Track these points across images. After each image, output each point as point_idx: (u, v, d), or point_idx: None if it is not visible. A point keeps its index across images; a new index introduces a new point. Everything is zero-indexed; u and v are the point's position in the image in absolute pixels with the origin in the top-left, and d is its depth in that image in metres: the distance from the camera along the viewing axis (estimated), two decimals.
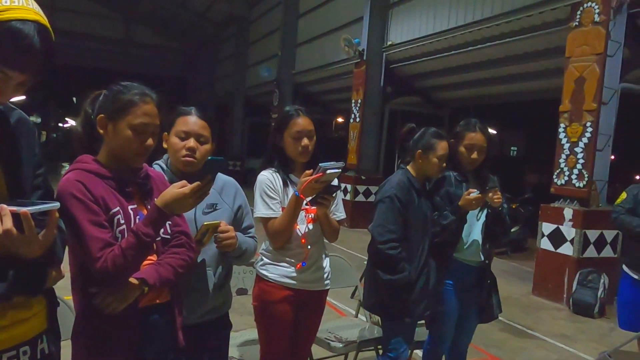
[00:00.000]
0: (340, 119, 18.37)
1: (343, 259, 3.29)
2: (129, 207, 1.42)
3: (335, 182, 2.18)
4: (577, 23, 5.64)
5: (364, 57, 9.82)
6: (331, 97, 14.42)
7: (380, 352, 2.97)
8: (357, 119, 10.07)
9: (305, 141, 2.17)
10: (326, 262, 2.31)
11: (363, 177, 9.70)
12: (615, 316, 3.65)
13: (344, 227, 11.14)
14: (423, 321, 2.74)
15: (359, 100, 10.01)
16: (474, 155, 2.65)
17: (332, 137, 20.04)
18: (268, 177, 2.20)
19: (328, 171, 1.97)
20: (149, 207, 1.43)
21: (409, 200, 2.52)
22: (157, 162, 1.85)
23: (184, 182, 1.36)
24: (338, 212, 2.32)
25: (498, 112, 17.45)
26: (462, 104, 11.57)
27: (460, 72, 9.31)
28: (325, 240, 2.34)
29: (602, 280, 5.15)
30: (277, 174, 2.21)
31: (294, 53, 14.08)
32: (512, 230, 8.21)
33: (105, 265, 1.28)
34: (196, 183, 1.34)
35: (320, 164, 1.99)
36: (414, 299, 2.47)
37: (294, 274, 2.18)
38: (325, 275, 2.29)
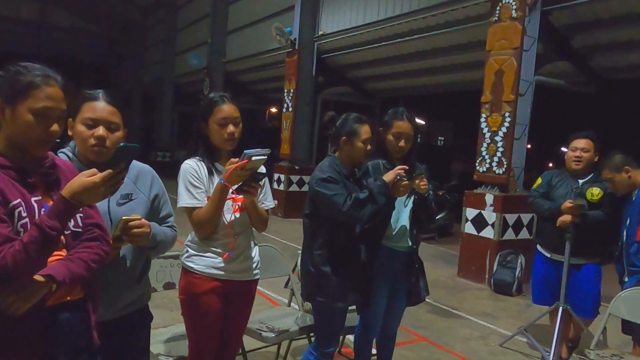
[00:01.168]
0: (274, 109, 18.22)
1: (275, 249, 3.27)
2: (32, 199, 1.31)
3: (262, 169, 2.14)
4: (496, 18, 5.94)
5: (296, 47, 9.78)
6: (264, 87, 14.26)
7: (313, 339, 3.00)
8: (290, 109, 10.04)
9: (231, 128, 2.12)
10: (255, 252, 2.27)
11: (296, 167, 9.71)
12: (530, 293, 3.92)
13: (277, 217, 11.17)
14: (354, 307, 2.79)
15: (292, 90, 9.97)
16: (402, 143, 2.71)
17: (265, 127, 19.84)
18: (192, 166, 2.13)
19: (254, 158, 1.93)
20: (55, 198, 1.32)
21: (341, 183, 2.53)
22: (62, 150, 1.70)
23: (93, 170, 1.27)
24: (266, 200, 2.28)
25: (426, 102, 18.10)
26: (392, 94, 11.85)
27: (390, 63, 9.53)
28: (266, 231, 2.30)
29: (519, 261, 5.51)
30: (202, 162, 2.15)
31: (224, 41, 13.74)
32: (439, 216, 8.58)
33: (4, 262, 1.17)
34: (108, 171, 1.26)
35: (245, 151, 1.94)
36: (347, 283, 2.50)
37: (221, 265, 2.13)
38: (254, 265, 2.25)
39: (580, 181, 3.50)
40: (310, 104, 10.04)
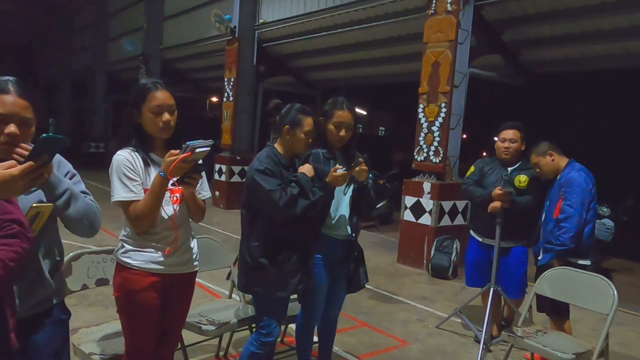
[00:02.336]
0: (214, 98, 17.83)
1: (215, 241, 3.22)
2: None
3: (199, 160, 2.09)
4: (432, 11, 6.11)
5: (236, 35, 9.59)
6: (203, 75, 13.90)
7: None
8: (231, 99, 9.86)
9: (166, 116, 2.03)
10: (194, 243, 2.22)
11: (238, 158, 9.58)
12: (464, 276, 4.11)
13: (219, 208, 10.98)
14: (295, 296, 2.80)
15: (232, 79, 9.79)
16: (342, 133, 2.73)
17: (206, 117, 19.39)
18: (126, 157, 2.02)
19: (197, 150, 1.86)
20: None
21: (279, 175, 2.52)
22: None
23: (11, 162, 1.18)
24: (203, 190, 2.22)
25: (367, 93, 18.39)
26: (333, 84, 11.94)
27: (331, 53, 9.58)
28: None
29: (455, 245, 5.76)
30: (136, 153, 2.05)
31: (161, 27, 13.24)
32: (380, 204, 8.79)
33: None
34: (28, 163, 1.17)
35: (187, 143, 1.87)
36: (287, 272, 2.50)
37: (161, 259, 2.06)
38: (194, 257, 2.20)
39: (509, 169, 3.70)
40: (252, 94, 9.91)
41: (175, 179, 1.95)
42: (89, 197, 1.72)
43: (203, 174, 2.21)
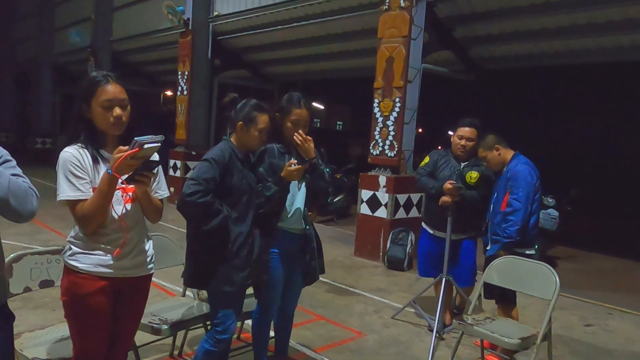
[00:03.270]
0: (169, 92, 17.40)
1: (168, 238, 3.15)
2: None
3: (155, 157, 2.02)
4: (386, 7, 6.18)
5: (190, 27, 9.38)
6: (156, 68, 13.53)
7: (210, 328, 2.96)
8: (185, 92, 9.65)
9: (117, 111, 1.93)
10: (149, 245, 2.12)
11: (193, 153, 9.40)
12: (417, 267, 4.21)
13: (174, 205, 10.74)
14: (251, 291, 2.79)
15: (186, 73, 9.58)
16: (300, 130, 2.73)
17: (161, 111, 18.91)
18: (74, 154, 1.91)
19: (146, 146, 1.78)
20: None
21: (232, 169, 2.50)
22: None
23: None
24: (160, 189, 2.13)
25: (325, 87, 18.44)
26: (290, 78, 11.90)
27: (286, 47, 9.54)
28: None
29: (409, 238, 5.88)
30: (85, 149, 1.94)
31: (110, 18, 12.75)
32: (337, 198, 8.86)
33: None
34: None
35: (135, 138, 1.78)
36: (234, 267, 2.48)
37: (111, 262, 1.96)
38: (149, 259, 2.11)
39: (462, 164, 3.81)
40: (207, 88, 9.73)
41: (125, 177, 1.85)
42: (22, 179, 1.61)
43: (161, 172, 2.14)
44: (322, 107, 25.38)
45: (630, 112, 14.99)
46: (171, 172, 9.70)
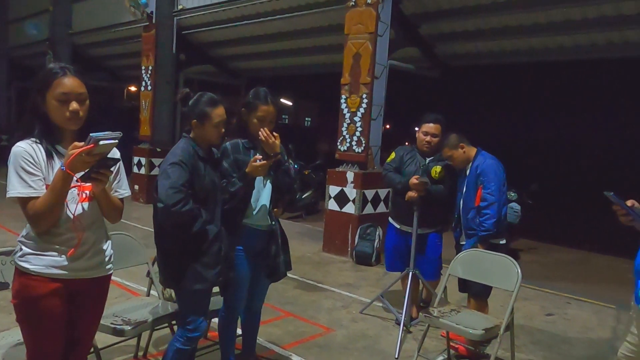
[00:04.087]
0: (133, 88, 16.97)
1: (131, 237, 3.07)
2: None
3: (116, 154, 1.95)
4: (353, 3, 6.19)
5: (153, 21, 9.15)
6: (119, 63, 13.17)
7: (176, 328, 2.90)
8: (149, 88, 9.42)
9: (74, 105, 1.84)
10: (107, 245, 2.05)
11: (158, 149, 9.20)
12: (385, 261, 4.25)
13: (139, 203, 10.49)
14: (217, 289, 2.75)
15: (150, 67, 9.35)
16: (265, 127, 2.70)
17: (124, 107, 18.42)
18: (26, 149, 1.82)
19: (101, 142, 1.70)
20: None
21: (195, 168, 2.46)
22: None
23: None
24: (121, 188, 2.06)
25: (293, 83, 18.38)
26: (258, 74, 11.80)
27: (254, 42, 9.44)
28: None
29: (377, 233, 5.94)
30: (39, 144, 1.85)
31: (69, 9, 12.30)
32: (305, 194, 8.85)
33: None
34: None
35: (91, 134, 1.70)
36: (205, 264, 2.44)
37: (65, 263, 1.87)
38: (107, 259, 2.03)
39: (427, 159, 3.86)
40: (171, 83, 9.52)
41: (80, 174, 1.77)
42: None
43: (122, 170, 2.08)
44: (290, 103, 25.30)
45: (589, 109, 15.58)
46: (135, 170, 9.47)
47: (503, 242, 3.49)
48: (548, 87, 14.19)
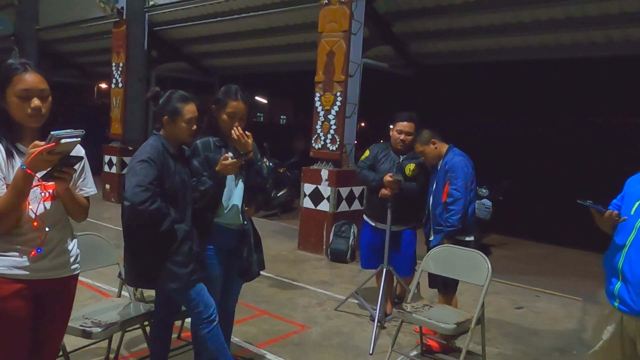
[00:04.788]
0: (104, 85, 16.63)
1: (101, 237, 3.01)
2: None
3: (81, 151, 1.92)
4: (327, 1, 6.20)
5: (124, 16, 8.97)
6: (89, 59, 12.85)
7: (148, 329, 2.87)
8: (120, 85, 9.24)
9: (35, 102, 1.80)
10: (73, 245, 2.01)
11: (130, 148, 9.03)
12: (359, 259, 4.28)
13: (110, 202, 10.27)
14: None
15: (121, 64, 9.17)
16: (236, 124, 2.68)
17: (95, 105, 18.05)
18: None
19: (63, 140, 1.67)
20: None
21: (165, 166, 2.43)
22: None
23: None
24: (86, 187, 2.02)
25: (268, 81, 18.30)
26: (232, 71, 11.70)
27: (227, 39, 9.36)
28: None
29: (352, 230, 5.97)
30: None
31: (36, 4, 11.93)
32: (281, 193, 8.84)
33: None
34: None
35: (52, 132, 1.67)
36: (178, 263, 2.42)
37: (27, 264, 1.82)
38: (72, 259, 1.99)
39: (401, 157, 3.91)
40: (143, 80, 9.35)
41: (42, 173, 1.72)
42: None
43: (87, 168, 2.04)
44: (265, 101, 25.20)
45: (559, 107, 16.00)
46: (106, 169, 9.28)
47: (470, 239, 3.50)
48: (519, 86, 14.51)
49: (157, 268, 2.42)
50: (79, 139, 1.72)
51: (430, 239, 3.61)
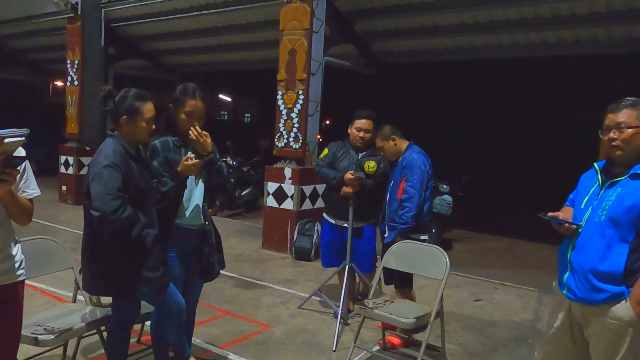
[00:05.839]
0: (59, 83, 16.04)
1: (54, 241, 2.91)
2: None
3: (21, 152, 1.85)
4: None
5: (79, 12, 8.67)
6: (43, 56, 12.38)
7: (105, 334, 2.80)
8: (76, 83, 8.93)
9: None
10: (16, 250, 1.93)
11: (88, 148, 8.76)
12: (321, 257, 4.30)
13: (68, 204, 9.93)
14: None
15: (76, 62, 8.87)
16: (195, 122, 2.64)
17: (50, 103, 17.38)
18: None
19: (6, 140, 1.61)
20: None
21: (129, 169, 2.37)
22: None
23: None
24: (29, 188, 1.94)
25: (232, 79, 18.10)
26: (193, 69, 11.52)
27: (188, 37, 9.21)
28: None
29: (316, 228, 5.99)
30: None
31: None
32: (245, 192, 8.77)
33: None
34: None
35: None
36: (150, 268, 2.37)
37: None
38: (17, 265, 1.92)
39: (360, 155, 3.94)
40: (100, 78, 9.07)
41: None
42: None
43: (28, 168, 1.96)
44: (229, 99, 24.89)
45: (516, 106, 16.50)
46: (63, 170, 8.97)
47: (424, 237, 3.53)
48: (478, 84, 14.88)
49: (129, 275, 2.36)
50: (23, 138, 1.66)
51: (385, 236, 3.65)
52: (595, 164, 2.20)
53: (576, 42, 6.57)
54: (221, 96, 23.45)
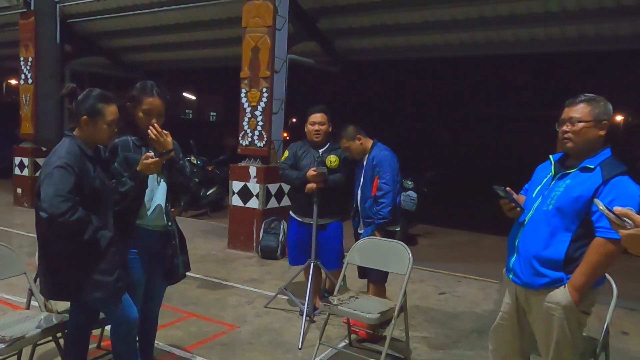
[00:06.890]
0: (13, 81, 15.43)
1: (5, 246, 2.79)
2: None
3: None
4: None
5: (32, 7, 8.33)
6: None
7: (62, 340, 2.70)
8: (30, 81, 8.59)
9: None
10: None
11: (43, 149, 8.43)
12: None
13: (23, 207, 9.55)
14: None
15: (30, 59, 8.52)
16: (153, 121, 2.58)
17: (4, 102, 16.66)
18: None
19: None
20: None
21: (84, 170, 2.29)
22: None
23: None
24: None
25: (197, 77, 17.83)
26: (156, 67, 11.27)
27: (149, 33, 9.00)
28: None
29: (282, 226, 5.96)
30: None
31: None
32: (210, 191, 8.65)
33: None
34: None
35: None
36: (103, 271, 2.29)
37: None
38: None
39: (320, 151, 3.95)
40: (56, 76, 8.74)
41: None
42: None
43: None
44: (194, 97, 24.50)
45: (479, 103, 16.91)
46: (17, 171, 8.61)
47: (397, 228, 3.68)
48: (441, 81, 15.17)
49: (80, 279, 2.28)
50: None
51: (359, 232, 3.71)
52: (551, 156, 2.28)
53: (532, 40, 6.77)
54: (185, 94, 23.05)
